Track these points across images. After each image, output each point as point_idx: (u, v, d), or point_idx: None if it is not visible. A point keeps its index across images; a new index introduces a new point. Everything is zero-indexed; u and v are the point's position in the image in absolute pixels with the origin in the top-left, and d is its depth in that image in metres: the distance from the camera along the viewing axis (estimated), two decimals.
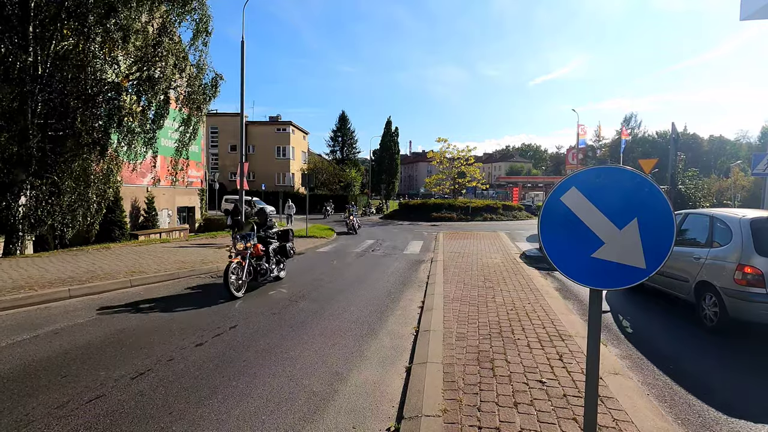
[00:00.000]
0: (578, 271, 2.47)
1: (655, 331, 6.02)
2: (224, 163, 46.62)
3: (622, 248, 2.37)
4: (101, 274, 8.60)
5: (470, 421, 3.19)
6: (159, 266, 9.71)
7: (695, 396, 3.89)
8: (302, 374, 4.22)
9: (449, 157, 35.25)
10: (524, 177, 70.24)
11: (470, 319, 5.81)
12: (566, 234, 2.47)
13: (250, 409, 3.51)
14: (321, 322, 5.98)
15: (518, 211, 34.20)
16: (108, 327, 5.66)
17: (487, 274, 9.26)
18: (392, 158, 63.46)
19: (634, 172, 2.40)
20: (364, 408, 3.58)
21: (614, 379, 3.91)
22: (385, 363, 4.58)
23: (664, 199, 2.33)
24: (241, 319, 6.07)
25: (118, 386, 3.88)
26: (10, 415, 3.36)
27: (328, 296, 7.61)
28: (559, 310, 6.28)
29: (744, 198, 39.12)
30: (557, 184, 2.51)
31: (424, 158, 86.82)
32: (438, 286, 7.92)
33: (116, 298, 7.24)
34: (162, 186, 21.31)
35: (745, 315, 5.28)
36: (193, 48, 13.78)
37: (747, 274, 5.28)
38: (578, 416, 3.22)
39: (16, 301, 6.62)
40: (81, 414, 3.39)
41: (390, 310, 6.69)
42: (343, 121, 62.93)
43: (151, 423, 3.28)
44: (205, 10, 13.53)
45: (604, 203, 2.40)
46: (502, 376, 3.96)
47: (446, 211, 31.09)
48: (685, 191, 16.30)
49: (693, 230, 6.75)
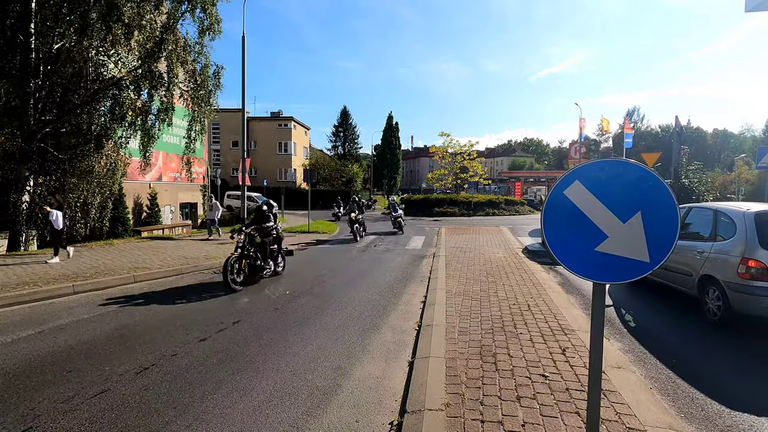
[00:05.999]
0: (581, 265, 2.45)
1: (658, 325, 6.01)
2: (226, 159, 46.61)
3: (626, 242, 2.35)
4: (105, 270, 8.64)
5: (473, 414, 3.20)
6: (162, 262, 9.75)
7: (698, 390, 3.88)
8: (305, 369, 4.23)
9: (451, 151, 35.14)
10: (526, 172, 69.88)
11: (473, 314, 5.81)
12: (569, 228, 2.46)
13: (254, 404, 3.53)
14: (324, 317, 6.00)
15: (520, 205, 34.13)
16: (112, 322, 5.69)
17: (489, 268, 9.26)
18: (394, 153, 63.38)
19: (637, 165, 2.38)
20: (367, 402, 3.60)
21: (617, 373, 3.91)
22: (387, 357, 4.59)
23: (668, 193, 2.31)
24: (244, 315, 6.09)
25: (123, 381, 3.91)
26: (17, 409, 3.40)
27: (331, 291, 7.62)
28: (562, 305, 6.28)
29: (748, 191, 38.94)
30: (560, 177, 2.50)
31: (425, 153, 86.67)
32: (440, 281, 7.93)
33: (120, 294, 7.28)
34: (165, 182, 21.36)
35: (748, 309, 5.26)
36: (198, 46, 13.75)
37: (751, 267, 5.25)
38: (581, 410, 3.22)
39: (20, 297, 6.66)
40: (86, 408, 3.42)
41: (392, 305, 6.70)
42: (345, 117, 62.81)
43: (156, 417, 3.30)
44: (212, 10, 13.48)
45: (608, 197, 2.38)
46: (504, 371, 3.97)
47: (448, 206, 31.04)
48: (689, 185, 16.20)
49: (696, 224, 6.72)
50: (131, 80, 12.73)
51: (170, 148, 20.93)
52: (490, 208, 31.63)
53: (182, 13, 13.21)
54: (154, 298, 7.03)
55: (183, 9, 13.25)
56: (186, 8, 13.24)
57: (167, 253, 11.05)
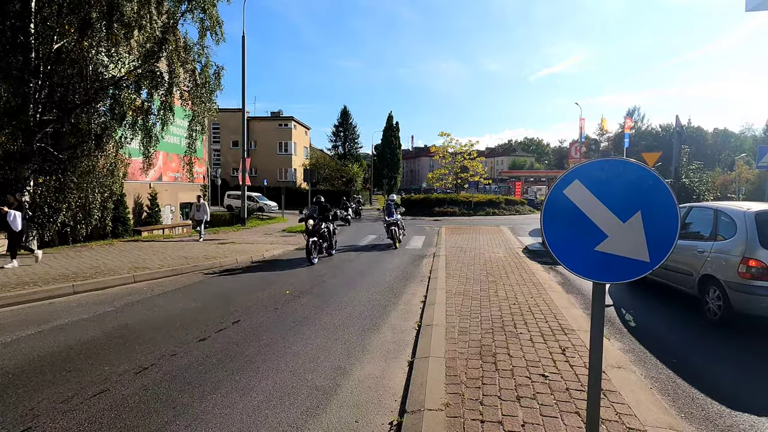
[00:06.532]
0: (581, 265, 2.44)
1: (658, 325, 6.00)
2: (226, 159, 46.63)
3: (626, 241, 2.35)
4: (105, 270, 8.64)
5: (473, 414, 3.19)
6: (162, 262, 9.75)
7: (699, 390, 3.88)
8: (305, 369, 4.23)
9: (452, 151, 35.11)
10: (527, 171, 69.78)
11: (473, 314, 5.81)
12: (569, 227, 2.45)
13: (254, 404, 3.52)
14: (323, 317, 5.99)
15: (521, 205, 34.10)
16: (112, 322, 5.69)
17: (489, 268, 9.25)
18: (394, 153, 63.38)
19: (638, 164, 2.38)
20: (366, 402, 3.59)
21: (617, 373, 3.91)
22: (387, 357, 4.58)
23: (668, 192, 2.30)
24: (244, 315, 6.08)
25: (122, 381, 3.91)
26: (16, 409, 3.39)
27: (331, 291, 7.62)
28: (562, 305, 6.27)
29: (749, 191, 38.86)
30: (560, 177, 2.49)
31: (426, 153, 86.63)
32: (440, 281, 7.92)
33: (120, 294, 7.28)
34: (165, 182, 21.37)
35: (749, 308, 5.26)
36: (198, 44, 13.73)
37: (751, 267, 5.24)
38: (581, 410, 3.22)
39: (20, 297, 6.66)
40: (86, 408, 3.41)
41: (392, 305, 6.70)
42: (345, 116, 62.78)
43: (155, 417, 3.30)
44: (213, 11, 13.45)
45: (608, 196, 2.37)
46: (504, 370, 3.96)
47: (448, 206, 31.03)
48: (689, 184, 16.20)
49: (697, 224, 6.71)
50: (131, 80, 12.73)
51: (170, 148, 20.94)
52: (490, 207, 31.62)
53: (182, 13, 13.20)
54: (153, 298, 7.03)
55: (183, 9, 13.24)
56: (186, 8, 13.23)
57: (167, 253, 11.05)
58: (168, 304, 6.65)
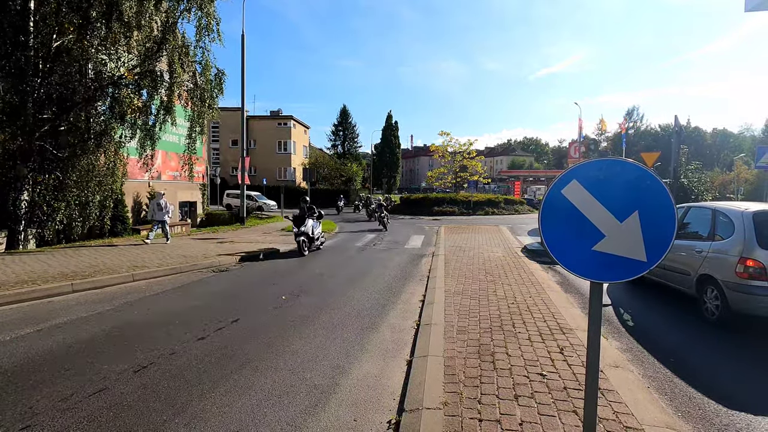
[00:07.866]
0: (579, 264, 2.46)
1: (656, 325, 6.02)
2: (225, 158, 46.58)
3: (623, 241, 2.36)
4: (104, 268, 8.63)
5: (471, 413, 3.20)
6: (161, 261, 9.75)
7: (696, 389, 3.89)
8: (304, 367, 4.24)
9: (451, 150, 35.11)
10: (526, 171, 69.84)
11: (471, 313, 5.82)
12: (567, 227, 2.46)
13: (252, 402, 3.53)
14: (322, 316, 6.00)
15: (520, 205, 34.09)
16: (111, 321, 5.69)
17: (488, 268, 9.26)
18: (393, 152, 63.40)
19: (635, 164, 2.39)
20: (365, 401, 3.60)
21: (615, 372, 3.92)
22: (386, 356, 4.59)
23: (665, 192, 2.31)
24: (243, 313, 6.09)
25: (121, 379, 3.91)
26: (15, 408, 3.40)
27: (330, 290, 7.63)
28: (560, 304, 6.29)
29: (747, 191, 38.95)
30: (558, 177, 2.50)
31: (425, 152, 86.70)
32: (439, 280, 7.93)
33: (119, 293, 7.28)
34: (164, 181, 21.34)
35: (746, 308, 5.28)
36: (197, 46, 13.71)
37: (749, 267, 5.26)
38: (579, 409, 3.23)
39: (19, 295, 6.66)
40: (84, 407, 3.42)
41: (391, 304, 6.71)
42: (344, 115, 62.77)
43: (154, 416, 3.30)
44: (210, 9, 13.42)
45: (606, 196, 2.38)
46: (502, 369, 3.97)
47: (448, 206, 31.00)
48: (688, 184, 16.23)
49: (695, 223, 6.73)
50: (131, 79, 12.70)
51: (169, 146, 20.90)
52: (489, 207, 31.60)
53: (181, 13, 13.17)
54: (152, 297, 7.03)
55: (181, 9, 13.20)
56: (184, 8, 13.19)
57: (166, 252, 11.04)
58: (167, 303, 6.65)
